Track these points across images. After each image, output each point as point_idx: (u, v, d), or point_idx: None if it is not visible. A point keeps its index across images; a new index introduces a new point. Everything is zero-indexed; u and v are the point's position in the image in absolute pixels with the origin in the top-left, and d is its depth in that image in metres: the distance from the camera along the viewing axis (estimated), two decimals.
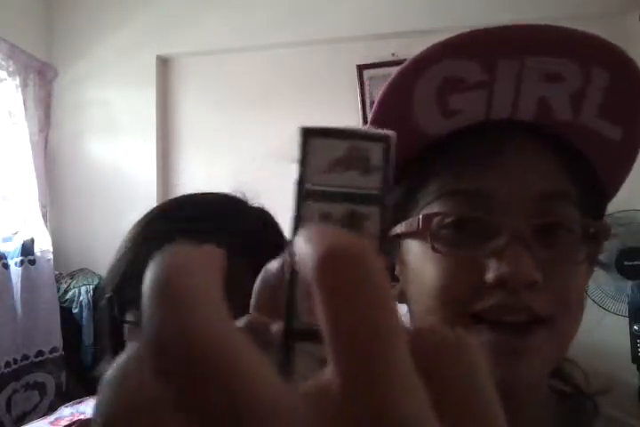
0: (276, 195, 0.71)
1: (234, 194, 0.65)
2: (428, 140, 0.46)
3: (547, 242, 0.42)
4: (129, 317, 0.54)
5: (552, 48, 0.42)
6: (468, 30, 0.43)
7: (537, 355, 0.40)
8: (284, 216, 0.66)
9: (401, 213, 0.46)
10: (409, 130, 0.45)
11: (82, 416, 2.03)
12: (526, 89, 0.43)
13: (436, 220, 0.43)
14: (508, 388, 0.31)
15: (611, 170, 0.48)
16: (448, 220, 0.43)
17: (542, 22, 0.43)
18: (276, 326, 0.19)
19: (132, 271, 0.55)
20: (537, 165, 0.44)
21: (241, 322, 0.20)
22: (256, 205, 0.67)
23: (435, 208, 0.44)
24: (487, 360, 0.20)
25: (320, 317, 0.14)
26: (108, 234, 3.03)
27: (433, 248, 0.42)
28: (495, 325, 0.39)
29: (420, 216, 0.43)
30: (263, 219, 0.65)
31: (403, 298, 0.47)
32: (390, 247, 0.49)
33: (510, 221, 0.41)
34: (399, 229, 0.46)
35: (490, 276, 0.39)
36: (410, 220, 0.45)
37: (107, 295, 0.56)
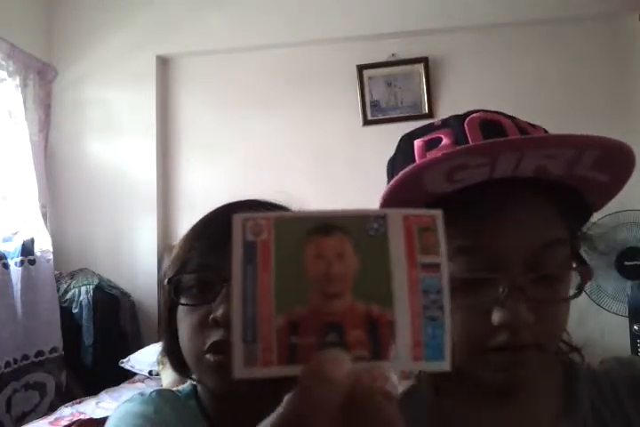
0: (276, 195, 0.71)
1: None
2: (433, 197, 0.52)
3: (542, 283, 0.51)
4: (183, 300, 0.59)
5: (549, 145, 0.49)
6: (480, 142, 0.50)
7: (529, 366, 0.52)
8: None
9: None
10: (418, 195, 0.52)
11: (82, 416, 2.03)
12: (525, 163, 0.49)
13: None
14: (514, 385, 0.47)
15: (594, 200, 0.56)
16: (456, 277, 0.50)
17: (542, 22, 0.43)
18: None
19: (188, 262, 0.60)
20: (536, 218, 0.51)
21: None
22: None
23: None
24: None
25: None
26: (108, 234, 3.03)
27: None
28: (501, 350, 0.51)
29: None
30: None
31: None
32: None
33: (510, 275, 0.49)
34: None
35: (495, 320, 0.49)
36: None
37: (166, 280, 0.61)
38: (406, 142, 0.58)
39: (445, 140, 0.53)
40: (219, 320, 0.54)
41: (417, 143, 0.55)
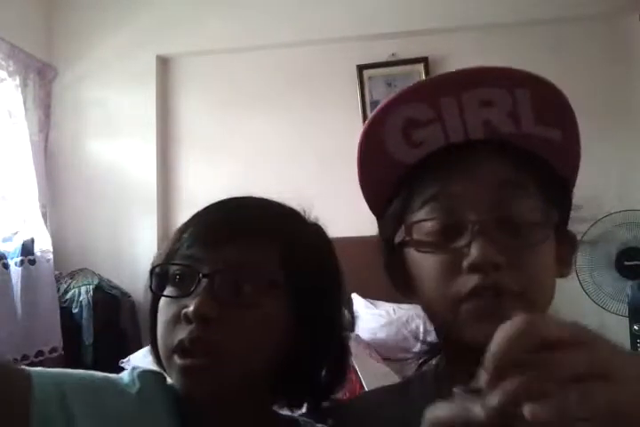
0: (276, 195, 0.71)
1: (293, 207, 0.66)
2: (403, 168, 0.58)
3: (509, 231, 0.53)
4: (166, 292, 0.57)
5: (479, 82, 0.53)
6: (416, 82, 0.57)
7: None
8: None
9: (399, 223, 0.58)
10: (387, 161, 0.58)
11: None
12: (470, 116, 0.54)
13: (416, 226, 0.55)
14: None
15: (561, 164, 0.59)
16: (427, 225, 0.55)
17: (542, 22, 0.44)
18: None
19: (173, 253, 0.57)
20: (494, 166, 0.55)
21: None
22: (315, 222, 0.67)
23: (418, 216, 0.56)
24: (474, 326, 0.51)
25: None
26: (108, 234, 3.03)
27: (417, 250, 0.55)
28: (476, 297, 0.51)
29: (404, 226, 0.56)
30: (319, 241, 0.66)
31: (413, 295, 0.59)
32: (398, 256, 0.60)
33: (475, 217, 0.52)
34: (398, 238, 0.58)
35: (464, 264, 0.51)
36: (401, 230, 0.57)
37: (150, 270, 0.58)
38: None
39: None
40: (189, 316, 0.52)
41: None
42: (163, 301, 0.56)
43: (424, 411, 0.59)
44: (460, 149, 0.56)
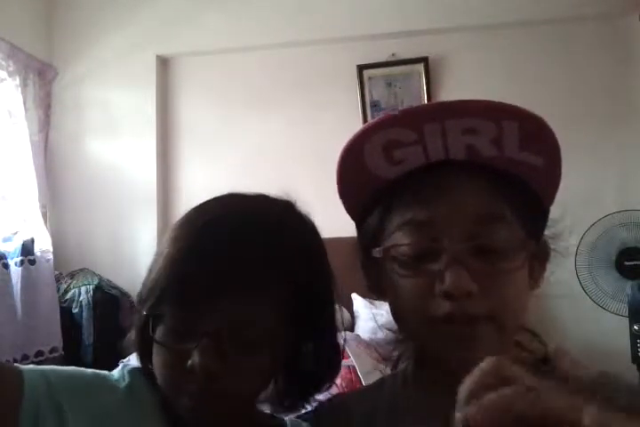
0: (275, 195, 0.71)
1: (282, 198, 0.63)
2: (383, 182, 0.58)
3: (484, 256, 0.53)
4: (157, 334, 0.54)
5: (465, 112, 0.53)
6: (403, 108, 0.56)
7: (482, 342, 0.52)
8: None
9: (376, 238, 0.60)
10: (367, 175, 0.58)
11: None
12: (452, 140, 0.54)
13: (392, 250, 0.56)
14: (464, 370, 0.36)
15: (542, 186, 0.59)
16: (402, 249, 0.56)
17: (542, 22, 0.44)
18: None
19: (169, 290, 0.53)
20: (471, 195, 0.55)
21: None
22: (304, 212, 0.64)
23: (394, 239, 0.57)
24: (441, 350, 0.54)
25: None
26: (107, 234, 3.03)
27: (393, 271, 0.57)
28: (448, 322, 0.52)
29: (381, 249, 0.57)
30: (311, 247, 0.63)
31: (384, 297, 0.61)
32: (374, 262, 0.61)
33: (450, 245, 0.53)
34: (375, 253, 0.59)
35: (437, 290, 0.52)
36: (377, 249, 0.58)
37: (143, 313, 0.55)
38: None
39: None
40: (195, 370, 0.50)
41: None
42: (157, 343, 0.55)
43: (391, 407, 0.60)
44: (440, 169, 0.56)
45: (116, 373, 0.60)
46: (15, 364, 0.56)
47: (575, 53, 2.83)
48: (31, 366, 0.55)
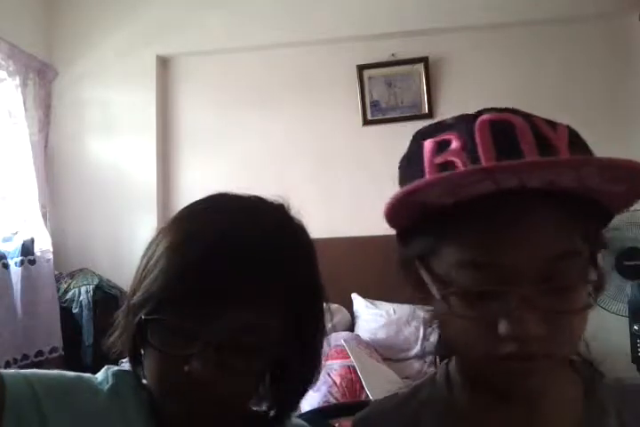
0: (275, 195, 0.71)
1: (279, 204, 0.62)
2: (438, 207, 0.50)
3: (554, 296, 0.49)
4: (154, 341, 0.53)
5: (544, 168, 0.47)
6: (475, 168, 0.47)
7: (540, 373, 0.51)
8: None
9: (425, 258, 0.55)
10: (419, 205, 0.50)
11: None
12: (528, 180, 0.47)
13: (451, 290, 0.51)
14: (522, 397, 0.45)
15: (617, 209, 0.55)
16: (462, 289, 0.51)
17: (542, 22, 0.43)
18: None
19: (170, 297, 0.53)
20: (546, 231, 0.49)
21: None
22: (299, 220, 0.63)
23: (451, 276, 0.52)
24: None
25: None
26: (108, 234, 3.03)
27: (450, 307, 0.52)
28: (508, 360, 0.50)
29: (441, 294, 0.52)
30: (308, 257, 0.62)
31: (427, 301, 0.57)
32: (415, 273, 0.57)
33: (519, 288, 0.48)
34: (434, 293, 0.54)
35: (502, 331, 0.48)
36: (436, 291, 0.53)
37: (140, 317, 0.54)
38: (416, 142, 0.56)
39: (454, 144, 0.51)
40: (194, 375, 0.51)
41: (426, 145, 0.54)
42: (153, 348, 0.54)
43: (433, 414, 0.59)
44: (508, 196, 0.48)
45: (99, 375, 0.60)
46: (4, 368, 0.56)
47: (575, 53, 2.83)
48: (12, 370, 0.55)
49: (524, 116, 0.53)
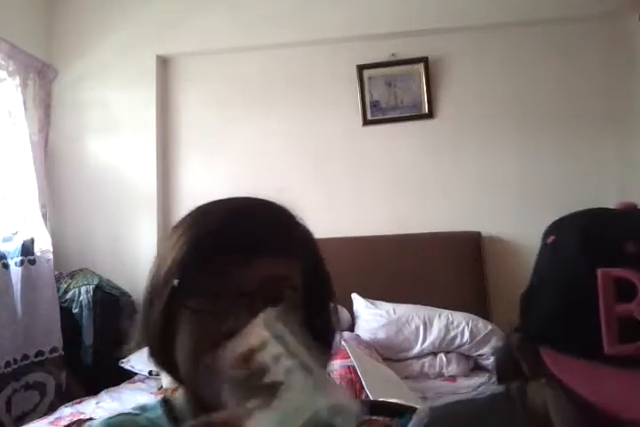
0: (275, 195, 0.71)
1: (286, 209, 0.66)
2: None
3: None
4: (191, 304, 0.56)
5: None
6: None
7: None
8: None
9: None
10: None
11: (82, 416, 2.02)
12: None
13: None
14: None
15: None
16: None
17: (542, 22, 0.43)
18: None
19: (194, 262, 0.57)
20: None
21: None
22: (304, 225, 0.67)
23: None
24: None
25: None
26: (108, 234, 3.03)
27: None
28: None
29: None
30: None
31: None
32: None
33: None
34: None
35: None
36: None
37: (173, 284, 0.57)
38: (581, 260, 0.47)
39: None
40: (231, 326, 0.52)
41: (602, 277, 0.44)
42: (190, 313, 0.57)
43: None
44: None
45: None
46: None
47: (575, 53, 2.83)
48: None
49: None
